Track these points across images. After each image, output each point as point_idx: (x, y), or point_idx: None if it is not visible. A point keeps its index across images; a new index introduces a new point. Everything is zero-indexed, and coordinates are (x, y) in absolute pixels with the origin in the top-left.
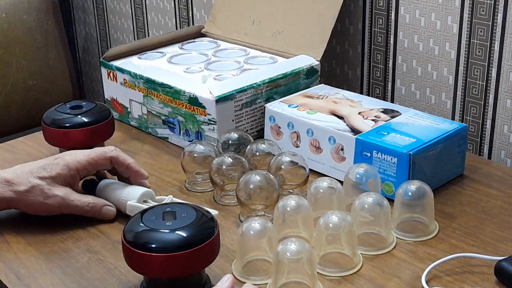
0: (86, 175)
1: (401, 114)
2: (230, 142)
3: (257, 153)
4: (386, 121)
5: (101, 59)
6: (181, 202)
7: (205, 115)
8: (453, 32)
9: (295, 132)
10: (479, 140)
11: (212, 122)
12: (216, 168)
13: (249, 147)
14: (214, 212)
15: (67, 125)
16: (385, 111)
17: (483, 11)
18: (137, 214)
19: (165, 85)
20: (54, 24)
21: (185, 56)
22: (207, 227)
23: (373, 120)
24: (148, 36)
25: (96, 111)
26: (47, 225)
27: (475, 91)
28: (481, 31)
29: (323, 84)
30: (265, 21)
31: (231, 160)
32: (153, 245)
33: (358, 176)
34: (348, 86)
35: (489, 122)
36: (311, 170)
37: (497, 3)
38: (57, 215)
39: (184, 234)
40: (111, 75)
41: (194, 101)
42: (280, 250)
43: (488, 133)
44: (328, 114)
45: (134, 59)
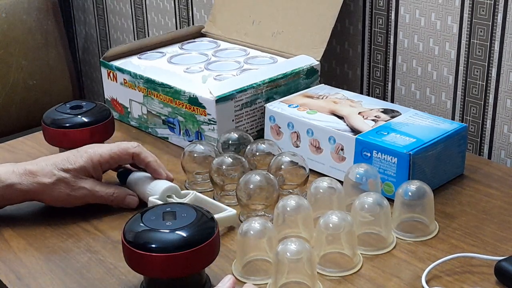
0: (108, 168)
1: (401, 114)
2: (230, 142)
3: (257, 153)
4: (386, 121)
5: (101, 59)
6: (181, 202)
7: (205, 115)
8: (453, 32)
9: (295, 132)
10: (479, 140)
11: (212, 122)
12: (216, 168)
13: (249, 147)
14: (231, 212)
15: (67, 125)
16: (385, 111)
17: (483, 11)
18: (137, 214)
19: (165, 85)
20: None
21: (185, 56)
22: (207, 227)
23: (373, 120)
24: (148, 36)
25: (96, 111)
26: (47, 225)
27: (475, 91)
28: (481, 31)
29: (323, 84)
30: (265, 21)
31: (231, 160)
32: (153, 245)
33: (358, 176)
34: (348, 86)
35: (489, 122)
36: (311, 170)
37: (497, 3)
38: (58, 212)
39: (184, 234)
40: (111, 75)
41: (194, 101)
42: (280, 250)
43: (488, 133)
44: (328, 114)
45: (134, 59)
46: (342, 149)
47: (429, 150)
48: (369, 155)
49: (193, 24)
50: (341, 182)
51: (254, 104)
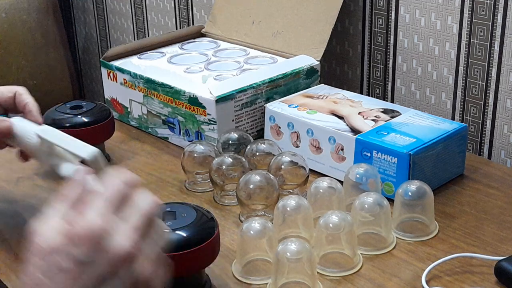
0: None
1: (401, 114)
2: (230, 142)
3: (257, 153)
4: (386, 121)
5: (101, 59)
6: (181, 202)
7: (205, 115)
8: (453, 32)
9: (295, 132)
10: (479, 140)
11: (212, 122)
12: (216, 168)
13: (249, 147)
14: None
15: (67, 125)
16: (385, 111)
17: (483, 11)
18: None
19: (165, 85)
20: (54, 24)
21: (185, 56)
22: (207, 227)
23: (373, 120)
24: (148, 36)
25: (96, 111)
26: None
27: (475, 91)
28: (481, 31)
29: (323, 84)
30: (265, 21)
31: (231, 160)
32: None
33: (358, 176)
34: (348, 86)
35: (489, 122)
36: (311, 170)
37: (497, 3)
38: None
39: (184, 234)
40: (111, 75)
41: (194, 101)
42: (280, 250)
43: (488, 133)
44: (328, 114)
45: (134, 59)
46: (342, 149)
47: (429, 150)
48: (369, 155)
49: (193, 24)
50: (341, 182)
51: (254, 104)
